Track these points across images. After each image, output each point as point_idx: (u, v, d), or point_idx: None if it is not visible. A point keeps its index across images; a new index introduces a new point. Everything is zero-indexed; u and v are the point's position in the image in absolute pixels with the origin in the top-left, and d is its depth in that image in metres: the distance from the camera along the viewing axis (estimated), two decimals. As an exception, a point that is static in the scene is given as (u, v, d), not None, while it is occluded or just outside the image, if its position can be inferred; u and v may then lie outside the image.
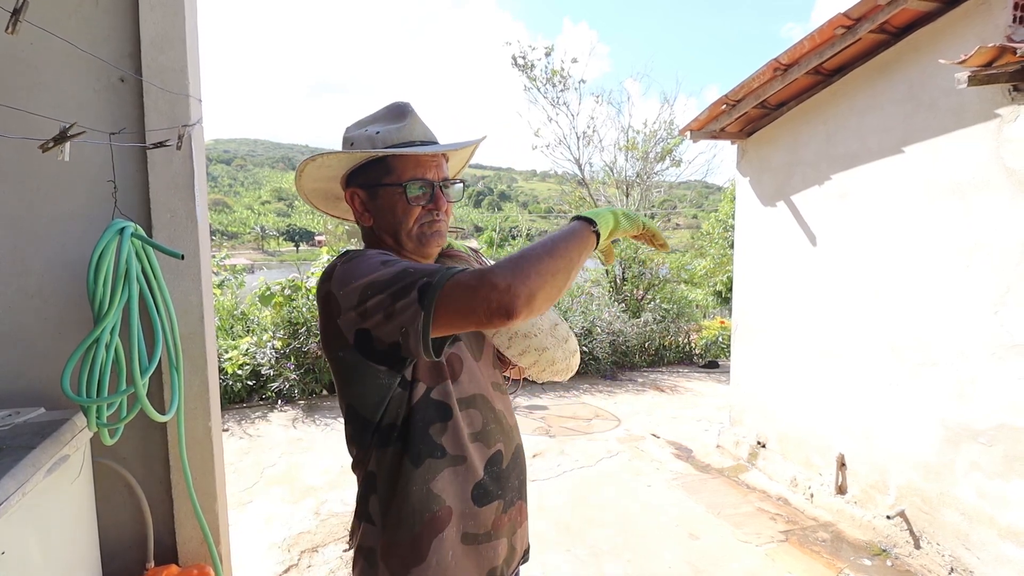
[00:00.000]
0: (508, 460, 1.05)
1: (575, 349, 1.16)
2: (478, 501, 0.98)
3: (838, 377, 3.27)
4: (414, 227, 0.99)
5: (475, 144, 1.08)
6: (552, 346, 1.09)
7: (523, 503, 1.11)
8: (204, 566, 1.71)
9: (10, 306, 1.58)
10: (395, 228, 1.00)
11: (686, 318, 8.51)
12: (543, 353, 1.09)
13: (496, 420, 1.05)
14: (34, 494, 1.22)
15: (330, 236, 9.96)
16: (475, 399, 1.01)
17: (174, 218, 1.67)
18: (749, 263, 4.14)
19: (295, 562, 2.79)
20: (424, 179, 0.98)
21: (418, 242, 1.01)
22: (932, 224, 2.69)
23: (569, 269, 0.85)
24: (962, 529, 2.54)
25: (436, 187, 1.00)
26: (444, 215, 1.02)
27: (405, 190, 0.97)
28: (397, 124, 1.01)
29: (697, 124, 4.00)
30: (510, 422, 1.10)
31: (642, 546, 2.95)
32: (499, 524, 1.02)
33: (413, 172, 0.98)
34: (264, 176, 65.49)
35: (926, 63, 2.69)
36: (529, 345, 1.08)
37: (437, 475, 0.94)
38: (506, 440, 1.06)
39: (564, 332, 1.13)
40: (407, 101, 1.06)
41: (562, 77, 9.58)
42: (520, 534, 1.09)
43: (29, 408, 1.50)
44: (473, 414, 1.01)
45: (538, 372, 1.13)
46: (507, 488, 1.04)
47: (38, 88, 1.56)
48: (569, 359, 1.14)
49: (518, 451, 1.10)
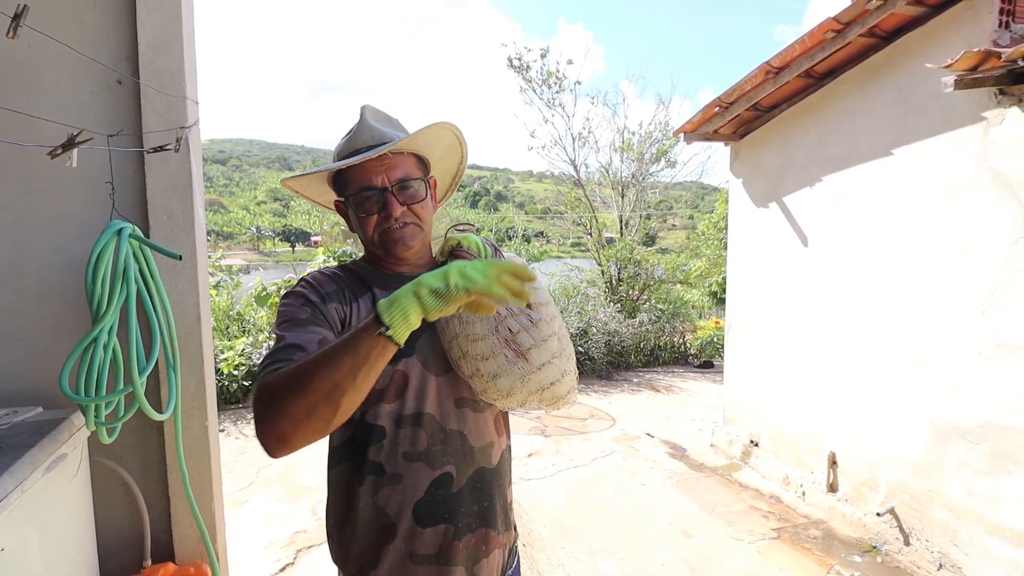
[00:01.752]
0: (462, 484, 0.98)
1: (554, 380, 0.95)
2: (420, 522, 0.95)
3: (830, 377, 3.30)
4: (374, 235, 0.98)
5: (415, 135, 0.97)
6: (508, 373, 0.91)
7: (490, 532, 1.01)
8: (201, 564, 1.73)
9: (8, 306, 1.59)
10: (364, 237, 1.01)
11: (681, 318, 8.56)
12: (495, 380, 0.92)
13: (445, 441, 0.97)
14: (33, 492, 1.23)
15: (326, 237, 9.96)
16: (420, 418, 0.95)
17: (171, 219, 1.68)
18: (742, 264, 4.18)
19: (291, 561, 2.81)
20: (371, 186, 0.95)
21: (383, 249, 0.99)
22: (922, 225, 2.73)
23: (341, 391, 0.72)
24: (951, 526, 2.58)
25: (388, 191, 0.95)
26: (405, 217, 0.97)
27: (351, 202, 0.98)
28: (348, 135, 1.01)
29: (691, 126, 4.04)
30: (472, 443, 0.99)
31: (637, 545, 2.98)
32: (450, 551, 0.96)
33: (360, 182, 0.96)
34: (260, 176, 65.31)
35: (915, 67, 2.72)
36: (478, 369, 0.92)
37: (379, 491, 0.96)
38: (462, 462, 0.98)
39: (543, 357, 0.93)
40: (366, 105, 1.03)
41: (557, 79, 9.61)
42: (486, 566, 1.00)
43: (27, 407, 1.51)
44: (416, 433, 0.95)
45: (491, 399, 0.96)
46: (458, 514, 0.97)
47: (37, 91, 1.57)
48: (540, 392, 0.94)
49: (480, 476, 1.00)
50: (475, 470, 1.00)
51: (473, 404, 1.00)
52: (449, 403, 0.98)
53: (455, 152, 1.11)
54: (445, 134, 1.03)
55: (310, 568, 2.76)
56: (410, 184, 0.97)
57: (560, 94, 9.72)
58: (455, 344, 0.95)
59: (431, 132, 0.99)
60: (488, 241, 1.11)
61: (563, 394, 0.98)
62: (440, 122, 0.99)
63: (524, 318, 0.96)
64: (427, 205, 1.01)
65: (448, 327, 0.96)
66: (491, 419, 1.04)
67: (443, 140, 1.05)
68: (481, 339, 0.92)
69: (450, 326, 0.95)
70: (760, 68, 3.28)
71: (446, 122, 1.01)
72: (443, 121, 1.00)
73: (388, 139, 0.98)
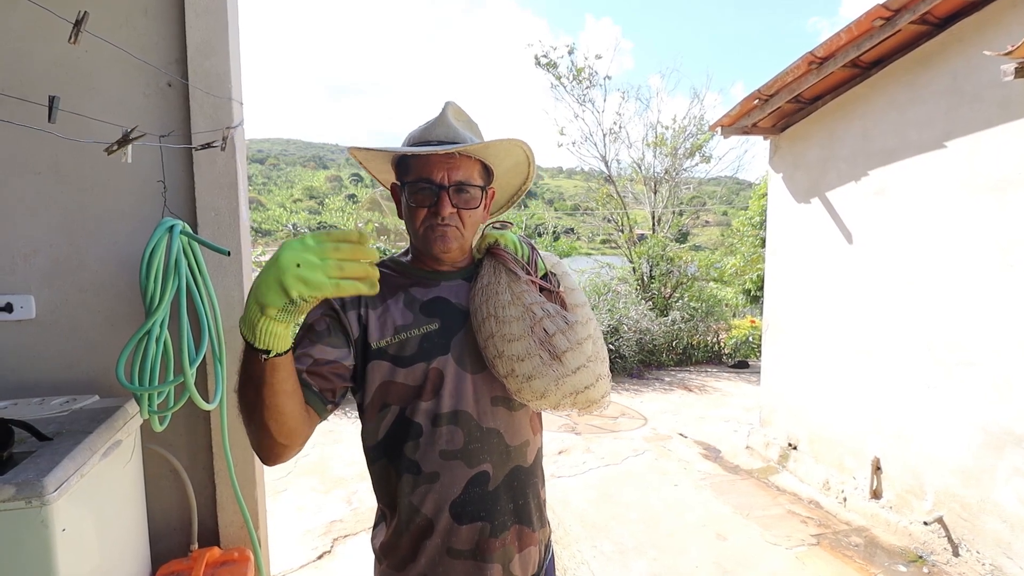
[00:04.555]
0: (498, 482, 0.98)
1: (588, 384, 0.94)
2: (458, 519, 0.96)
3: (873, 378, 3.18)
4: (420, 227, 0.97)
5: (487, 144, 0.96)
6: (543, 376, 0.91)
7: (525, 529, 1.01)
8: (244, 549, 1.79)
9: (66, 299, 1.67)
10: (410, 228, 1.01)
11: (715, 317, 8.38)
12: (530, 382, 0.91)
13: (483, 439, 0.97)
14: (91, 476, 1.30)
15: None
16: (456, 416, 0.95)
17: (218, 216, 1.74)
18: (781, 261, 4.06)
19: (328, 549, 2.88)
20: (430, 180, 0.95)
21: (422, 244, 0.99)
22: (972, 220, 2.60)
23: (254, 405, 0.77)
24: (1004, 537, 2.45)
25: (444, 190, 0.94)
26: (452, 219, 0.96)
27: (406, 189, 0.98)
28: (426, 124, 1.01)
29: (728, 120, 3.94)
30: (508, 442, 0.99)
31: (668, 544, 2.94)
32: (487, 548, 0.96)
33: (421, 172, 0.96)
34: (296, 175, 66.98)
35: (971, 54, 2.59)
36: (514, 369, 0.92)
37: (415, 490, 0.96)
38: (498, 461, 0.98)
39: (579, 361, 0.93)
40: (450, 101, 1.03)
41: (587, 75, 9.51)
42: (520, 562, 1.01)
43: (84, 396, 1.59)
44: (454, 431, 0.95)
45: (525, 400, 0.95)
46: (495, 512, 0.97)
47: (92, 93, 1.64)
48: (574, 396, 0.93)
49: (516, 474, 1.00)
50: (511, 468, 1.00)
51: (508, 403, 1.00)
52: (485, 401, 0.98)
53: (522, 171, 1.10)
54: (516, 151, 1.03)
55: (348, 556, 2.82)
56: (467, 189, 0.97)
57: (590, 90, 9.63)
58: (491, 343, 0.94)
59: (503, 145, 0.99)
60: (524, 239, 1.10)
61: (597, 398, 0.97)
62: (515, 139, 0.99)
63: (560, 320, 0.95)
64: (477, 213, 1.00)
65: (484, 326, 0.95)
66: (526, 418, 1.03)
67: (513, 156, 1.04)
68: (517, 340, 0.92)
69: (486, 325, 0.95)
70: (803, 58, 3.17)
71: (522, 141, 1.00)
72: (519, 139, 0.99)
73: (462, 139, 0.97)
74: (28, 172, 1.62)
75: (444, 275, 1.04)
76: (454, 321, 0.99)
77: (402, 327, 0.96)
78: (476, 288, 1.00)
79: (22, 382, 1.64)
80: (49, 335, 1.66)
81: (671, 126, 9.83)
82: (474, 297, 0.99)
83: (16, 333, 1.64)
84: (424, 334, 0.96)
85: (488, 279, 0.99)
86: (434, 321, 0.98)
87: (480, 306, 0.97)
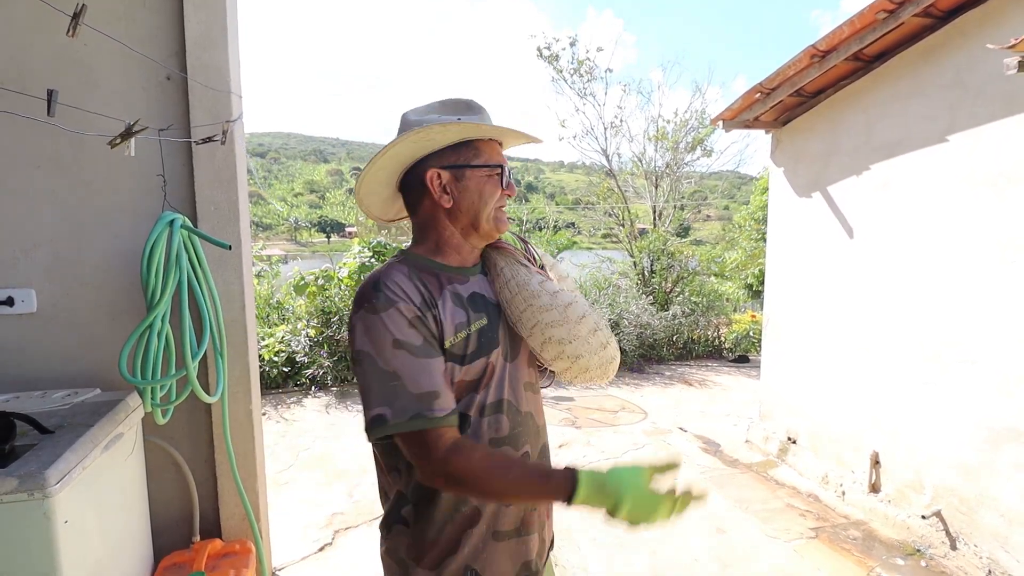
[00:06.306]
0: (535, 459, 1.07)
1: (613, 356, 1.11)
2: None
3: (873, 373, 3.19)
4: (492, 209, 1.02)
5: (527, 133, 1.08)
6: (587, 353, 1.05)
7: None
8: (246, 541, 1.80)
9: (67, 293, 1.68)
10: (476, 210, 1.00)
11: (716, 311, 8.36)
12: (577, 360, 1.05)
13: (523, 423, 1.04)
14: (93, 468, 1.30)
15: (361, 228, 10.13)
16: (500, 404, 1.00)
17: (217, 210, 1.74)
18: (782, 256, 4.05)
19: (330, 541, 2.90)
20: (501, 165, 1.02)
21: (494, 225, 1.03)
22: (974, 216, 2.59)
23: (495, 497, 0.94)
24: (1002, 531, 2.46)
25: (510, 174, 1.04)
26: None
27: (501, 172, 1.02)
28: (477, 115, 1.03)
29: (730, 113, 3.92)
30: (538, 422, 1.10)
31: (668, 538, 2.95)
32: (529, 521, 1.03)
33: (493, 157, 1.02)
34: (297, 169, 67.00)
35: (974, 48, 2.57)
36: (563, 351, 1.04)
37: None
38: (534, 440, 1.06)
39: (603, 339, 1.07)
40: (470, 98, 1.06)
41: (588, 68, 9.46)
42: (548, 527, 1.11)
43: (86, 389, 1.60)
44: (499, 419, 1.00)
45: (570, 377, 1.10)
46: None
47: (91, 87, 1.64)
48: (606, 366, 1.10)
49: (544, 450, 1.11)
50: (542, 445, 1.10)
51: (532, 386, 1.09)
52: (519, 387, 1.05)
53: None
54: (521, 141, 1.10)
55: (349, 549, 2.84)
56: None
57: (591, 83, 9.57)
58: (536, 332, 1.01)
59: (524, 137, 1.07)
60: (518, 235, 1.17)
61: (617, 355, 1.12)
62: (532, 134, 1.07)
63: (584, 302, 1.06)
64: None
65: (524, 317, 1.01)
66: (541, 398, 1.14)
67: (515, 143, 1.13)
68: (560, 324, 1.02)
69: (526, 315, 1.01)
70: (805, 52, 3.15)
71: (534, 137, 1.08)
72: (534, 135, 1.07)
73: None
74: (28, 166, 1.62)
75: (469, 270, 1.05)
76: (493, 314, 1.02)
77: (461, 324, 0.96)
78: (501, 281, 1.05)
79: (24, 376, 1.65)
80: (50, 329, 1.67)
81: (672, 120, 9.79)
82: (503, 289, 1.04)
83: (17, 327, 1.65)
84: (479, 329, 0.98)
85: (509, 272, 1.05)
86: (481, 316, 1.00)
87: (514, 297, 1.02)
